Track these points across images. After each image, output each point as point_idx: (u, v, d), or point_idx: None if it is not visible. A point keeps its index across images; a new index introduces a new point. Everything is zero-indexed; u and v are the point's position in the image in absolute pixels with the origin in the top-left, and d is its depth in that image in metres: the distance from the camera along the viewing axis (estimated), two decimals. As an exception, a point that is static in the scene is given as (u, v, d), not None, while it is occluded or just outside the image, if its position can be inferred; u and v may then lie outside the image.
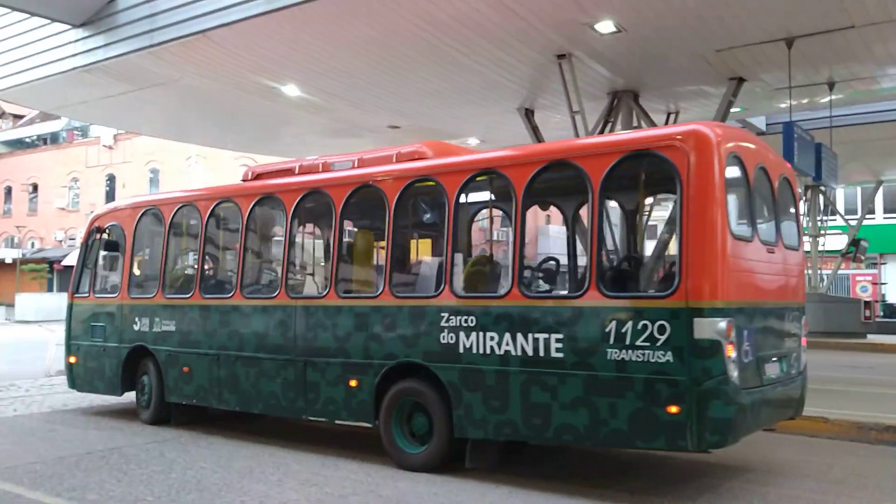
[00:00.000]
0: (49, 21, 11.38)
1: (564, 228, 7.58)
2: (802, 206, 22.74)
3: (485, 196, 7.16)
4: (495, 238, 6.61)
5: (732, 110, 12.22)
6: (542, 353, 5.75)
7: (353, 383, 6.85)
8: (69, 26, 11.22)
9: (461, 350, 6.16)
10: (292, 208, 7.55)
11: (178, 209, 8.81)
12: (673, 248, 5.45)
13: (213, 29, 9.66)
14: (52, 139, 54.54)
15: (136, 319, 8.86)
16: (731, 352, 5.20)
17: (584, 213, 6.03)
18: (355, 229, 7.81)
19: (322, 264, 8.00)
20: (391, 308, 6.68)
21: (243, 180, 8.54)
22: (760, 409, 5.67)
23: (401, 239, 7.38)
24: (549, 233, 40.79)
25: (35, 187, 53.11)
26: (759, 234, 6.00)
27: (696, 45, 10.13)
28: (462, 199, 6.56)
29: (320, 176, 7.65)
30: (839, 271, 25.02)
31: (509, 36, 9.77)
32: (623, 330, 5.39)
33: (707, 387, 5.14)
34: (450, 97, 12.97)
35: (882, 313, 27.29)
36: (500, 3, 8.67)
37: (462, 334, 6.17)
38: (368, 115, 14.13)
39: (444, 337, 6.26)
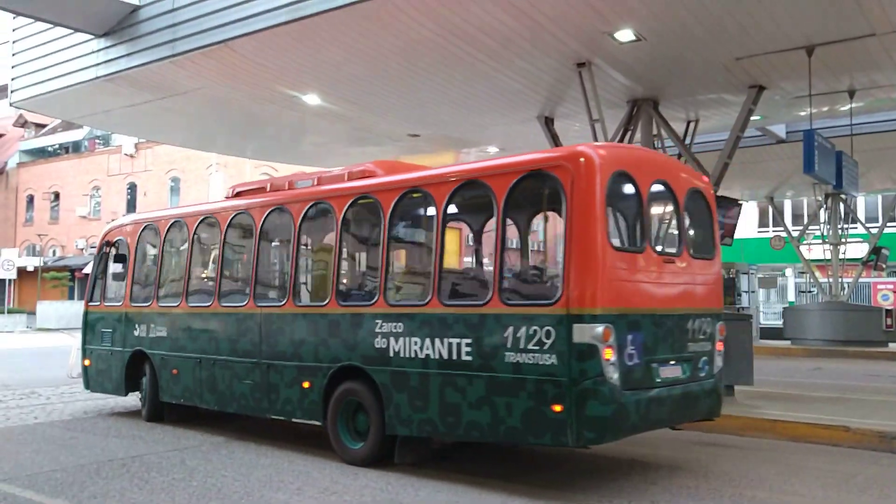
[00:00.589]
0: (72, 31, 11.53)
1: (476, 241, 8.08)
2: (823, 214, 22.58)
3: (413, 212, 7.58)
4: (424, 251, 7.14)
5: (752, 118, 12.14)
6: (454, 357, 6.31)
7: (305, 385, 7.51)
8: (92, 36, 11.35)
9: (391, 354, 6.76)
10: (260, 224, 8.38)
11: (170, 225, 9.73)
12: (560, 260, 5.94)
13: (234, 38, 9.73)
14: (74, 148, 55.15)
15: (136, 326, 9.82)
16: (609, 355, 5.66)
17: (491, 227, 6.44)
18: (311, 243, 8.42)
19: (283, 276, 8.54)
20: (337, 316, 7.34)
21: (226, 197, 9.46)
22: (650, 409, 6.09)
23: (346, 252, 7.96)
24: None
25: (57, 196, 53.73)
26: (654, 245, 6.51)
27: (716, 53, 10.09)
28: (394, 214, 7.12)
29: (282, 194, 8.42)
30: (860, 279, 24.73)
31: (529, 45, 9.78)
32: (518, 335, 5.90)
33: (584, 387, 5.62)
34: (470, 106, 12.99)
35: (903, 322, 26.95)
36: (521, 12, 8.69)
37: (392, 339, 6.77)
38: (389, 124, 14.19)
39: (377, 342, 6.87)
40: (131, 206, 48.34)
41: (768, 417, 8.89)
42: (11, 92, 13.08)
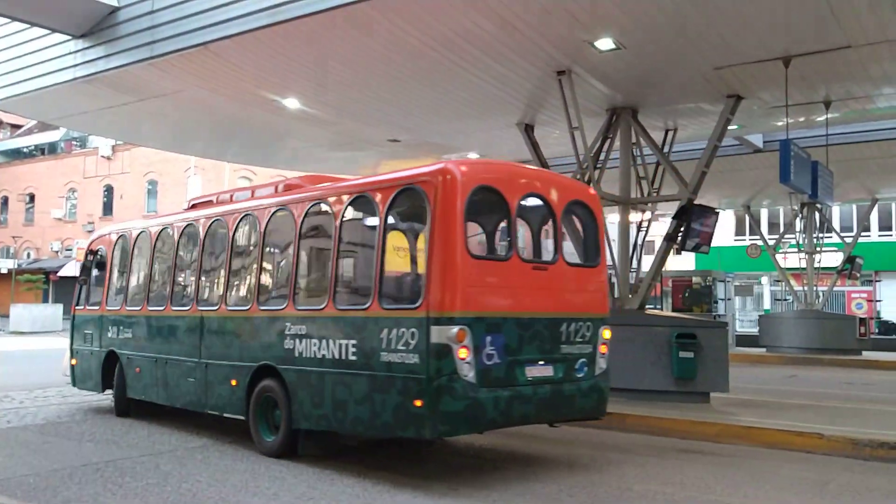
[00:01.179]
0: (49, 31, 11.41)
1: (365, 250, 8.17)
2: (798, 223, 22.85)
3: (317, 223, 7.95)
4: (326, 259, 7.57)
5: (730, 128, 12.26)
6: (343, 357, 6.87)
7: (233, 382, 8.16)
8: (69, 37, 11.24)
9: (297, 354, 7.36)
10: (203, 234, 9.18)
11: (138, 235, 10.53)
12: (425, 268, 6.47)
13: (214, 41, 9.67)
14: (50, 149, 54.57)
15: (110, 328, 10.59)
16: (464, 354, 6.20)
17: (376, 236, 6.93)
18: (242, 251, 8.84)
19: (219, 281, 9.04)
20: (258, 319, 8.03)
21: (184, 209, 10.39)
22: (512, 405, 6.53)
23: (266, 259, 8.45)
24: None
25: (32, 197, 53.11)
26: (522, 253, 6.96)
27: (695, 62, 10.19)
28: (303, 225, 7.73)
29: (220, 207, 9.25)
30: (835, 288, 25.02)
31: (510, 52, 9.82)
32: (391, 337, 6.45)
33: (440, 384, 6.13)
34: (451, 112, 13.02)
35: (877, 330, 27.30)
36: (502, 19, 8.73)
37: (297, 341, 7.36)
38: (370, 129, 14.18)
39: (287, 343, 7.48)
40: (108, 209, 47.91)
41: (744, 424, 8.97)
42: (-13, 92, 12.92)
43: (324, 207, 7.61)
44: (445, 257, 6.34)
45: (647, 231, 13.28)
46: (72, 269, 46.20)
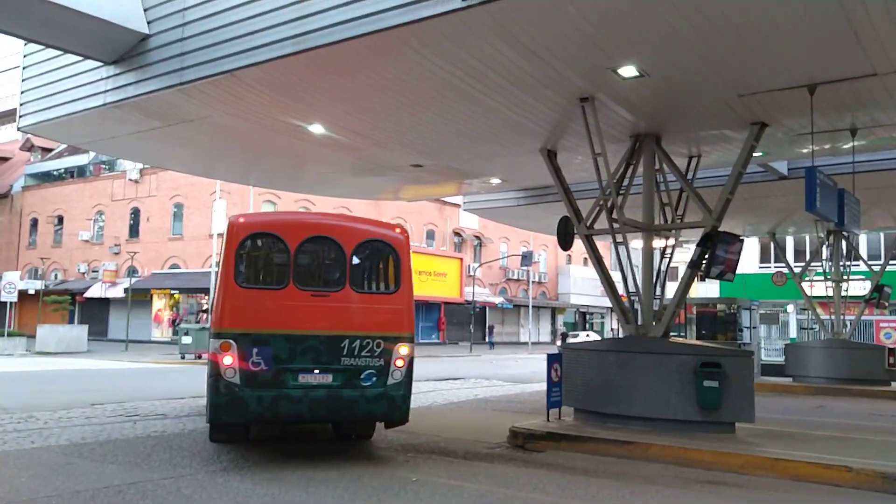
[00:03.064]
0: (81, 58, 11.65)
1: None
2: (825, 251, 22.59)
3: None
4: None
5: (754, 154, 12.20)
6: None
7: None
8: (101, 63, 11.47)
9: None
10: None
11: None
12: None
13: (241, 69, 9.82)
14: (79, 172, 55.46)
15: None
16: (228, 361, 8.11)
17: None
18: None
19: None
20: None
21: None
22: (278, 403, 8.24)
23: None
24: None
25: (60, 219, 53.95)
26: (304, 284, 8.59)
27: (719, 89, 10.18)
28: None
29: None
30: (863, 317, 24.66)
31: (533, 79, 9.87)
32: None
33: (210, 383, 8.24)
34: (473, 138, 13.08)
35: (907, 361, 26.80)
36: (525, 48, 8.78)
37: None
38: (392, 154, 14.27)
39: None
40: (134, 232, 48.53)
41: (770, 456, 8.82)
42: (20, 116, 13.19)
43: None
44: (220, 287, 8.44)
45: (671, 258, 13.21)
46: (97, 291, 46.80)
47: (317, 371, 8.34)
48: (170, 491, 7.05)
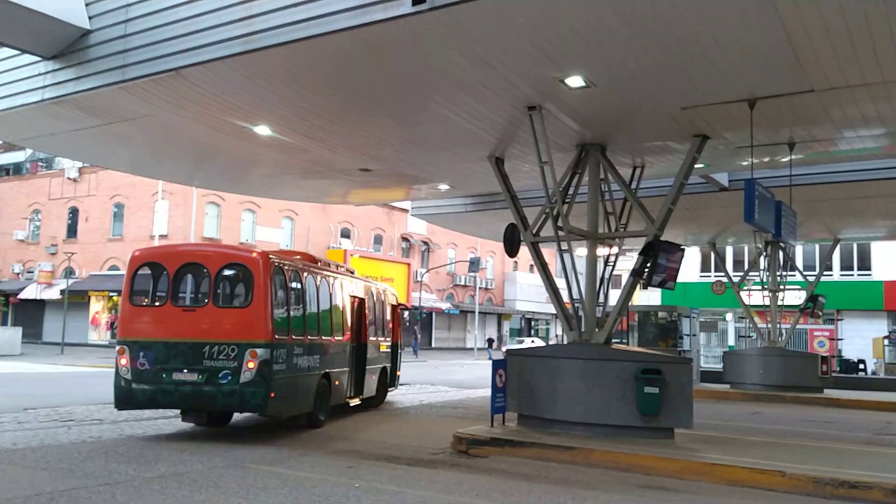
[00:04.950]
0: (19, 52, 11.30)
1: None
2: (763, 262, 23.21)
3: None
4: None
5: (696, 166, 12.48)
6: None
7: None
8: (39, 58, 11.13)
9: None
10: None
11: None
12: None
13: (186, 67, 9.65)
14: (15, 170, 53.76)
15: None
16: (124, 362, 10.47)
17: None
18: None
19: None
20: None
21: None
22: (157, 395, 10.39)
23: None
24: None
25: (-6, 218, 52.12)
26: (178, 302, 10.94)
27: (663, 102, 10.38)
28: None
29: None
30: (798, 326, 25.39)
31: (482, 87, 9.93)
32: None
33: (114, 378, 10.58)
34: (422, 143, 13.09)
35: (838, 368, 27.72)
36: (475, 55, 8.82)
37: None
38: (341, 158, 14.18)
39: None
40: (72, 232, 47.23)
41: (707, 461, 9.00)
42: (-48, 111, 12.70)
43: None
44: (121, 305, 11.04)
45: (614, 266, 13.41)
46: (32, 292, 45.36)
47: (185, 370, 10.32)
48: (104, 498, 6.87)
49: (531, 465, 9.28)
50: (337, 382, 12.99)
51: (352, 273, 15.53)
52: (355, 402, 14.34)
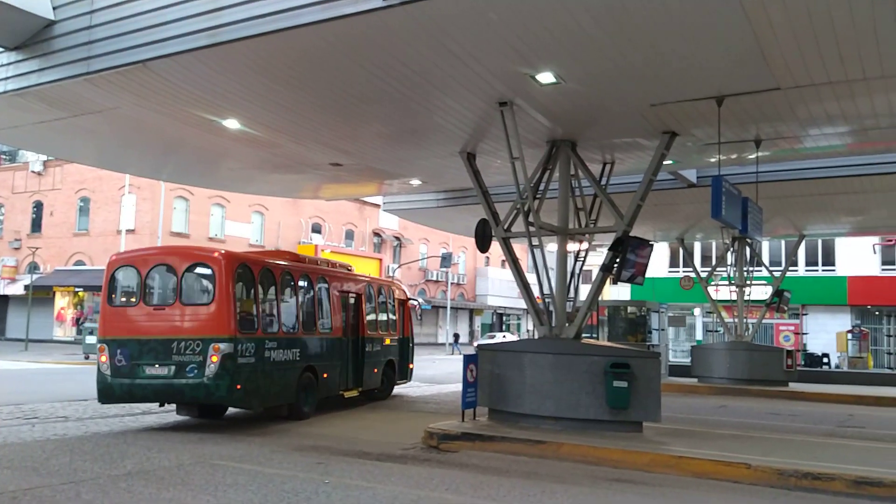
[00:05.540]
0: (-19, 43, 11.06)
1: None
2: (730, 257, 23.52)
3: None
4: None
5: (665, 163, 12.60)
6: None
7: None
8: (2, 49, 10.91)
9: None
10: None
11: None
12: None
13: (153, 59, 9.51)
14: (-23, 163, 52.59)
15: None
16: (104, 359, 11.08)
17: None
18: None
19: None
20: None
21: None
22: (133, 389, 10.93)
23: None
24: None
25: (-45, 211, 51.01)
26: (149, 301, 11.46)
27: (632, 99, 10.46)
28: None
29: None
30: (764, 320, 25.75)
31: (454, 82, 9.92)
32: None
33: (96, 374, 11.21)
34: (393, 139, 13.05)
35: (803, 362, 28.17)
36: (446, 50, 8.81)
37: None
38: (311, 152, 14.09)
39: None
40: (36, 226, 46.39)
41: (674, 454, 9.11)
42: (-89, 102, 12.39)
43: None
44: (101, 306, 11.75)
45: (584, 261, 13.50)
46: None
47: (157, 365, 10.87)
48: (69, 497, 6.77)
49: (502, 459, 9.32)
50: (326, 375, 13.44)
51: (348, 270, 16.06)
52: (352, 394, 14.88)
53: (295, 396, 12.37)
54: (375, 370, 15.76)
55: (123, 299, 11.78)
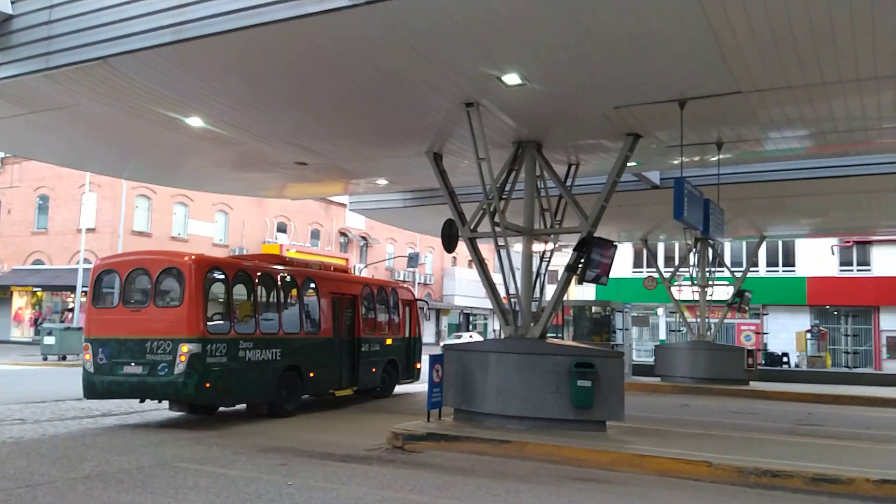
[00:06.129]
0: (-64, 37, 10.78)
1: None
2: (692, 258, 23.83)
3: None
4: None
5: (629, 164, 12.72)
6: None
7: None
8: (-42, 43, 10.67)
9: None
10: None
11: None
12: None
13: (114, 56, 9.35)
14: (-68, 159, 51.25)
15: None
16: (88, 357, 11.85)
17: None
18: None
19: None
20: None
21: None
22: (112, 386, 11.62)
23: None
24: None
25: None
26: (127, 304, 12.10)
27: (596, 101, 10.54)
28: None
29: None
30: (725, 320, 26.14)
31: (421, 82, 9.91)
32: None
33: (82, 372, 12.01)
34: (359, 138, 13.00)
35: (763, 361, 28.63)
36: (413, 51, 8.79)
37: None
38: (276, 151, 13.97)
39: None
40: (-7, 224, 45.36)
41: (637, 452, 9.21)
42: None
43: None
44: (86, 309, 12.56)
45: (549, 261, 13.58)
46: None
47: (133, 364, 11.51)
48: (26, 501, 6.64)
49: (467, 459, 9.34)
50: (312, 374, 13.86)
51: (344, 273, 16.84)
52: (345, 392, 15.28)
53: (275, 394, 12.82)
54: (374, 370, 16.13)
55: (106, 301, 12.50)
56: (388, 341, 16.91)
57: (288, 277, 13.90)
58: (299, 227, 51.89)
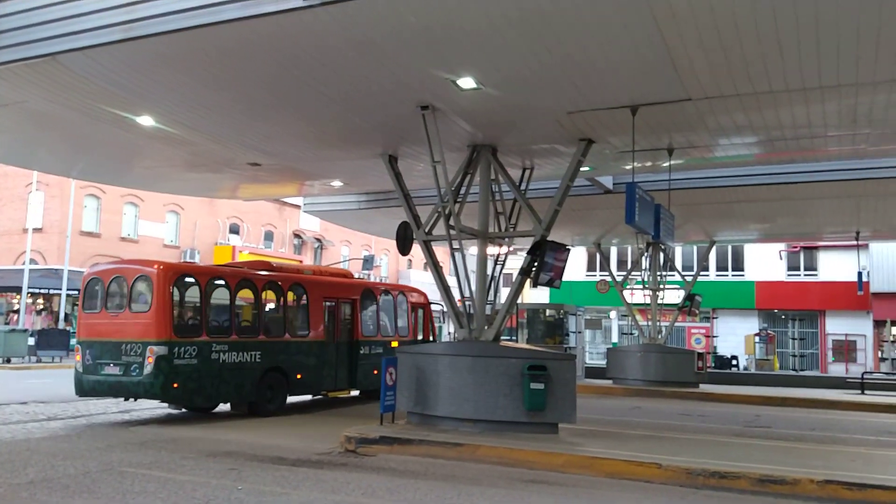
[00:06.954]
0: None
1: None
2: (644, 262, 24.19)
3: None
4: None
5: (582, 169, 12.86)
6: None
7: None
8: None
9: None
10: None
11: None
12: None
13: (63, 53, 9.16)
14: None
15: None
16: (77, 358, 12.79)
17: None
18: None
19: None
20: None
21: None
22: (96, 385, 12.53)
23: None
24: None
25: None
26: (108, 309, 12.90)
27: (550, 106, 10.64)
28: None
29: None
30: (676, 323, 26.55)
31: (376, 85, 9.89)
32: None
33: (74, 371, 12.95)
34: (314, 140, 12.91)
35: (713, 364, 29.16)
36: (368, 53, 8.77)
37: None
38: (229, 152, 13.80)
39: None
40: (-66, 224, 43.91)
41: (589, 455, 9.31)
42: None
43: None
44: (78, 314, 13.63)
45: (503, 264, 13.66)
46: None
47: (112, 364, 12.41)
48: (-35, 508, 6.46)
49: (419, 462, 9.34)
50: (300, 376, 14.54)
51: (345, 277, 17.50)
52: (341, 394, 16.07)
53: (256, 395, 13.58)
54: (376, 371, 16.04)
55: (92, 307, 13.22)
56: (394, 344, 16.97)
57: (269, 283, 14.52)
58: (252, 229, 51.30)
